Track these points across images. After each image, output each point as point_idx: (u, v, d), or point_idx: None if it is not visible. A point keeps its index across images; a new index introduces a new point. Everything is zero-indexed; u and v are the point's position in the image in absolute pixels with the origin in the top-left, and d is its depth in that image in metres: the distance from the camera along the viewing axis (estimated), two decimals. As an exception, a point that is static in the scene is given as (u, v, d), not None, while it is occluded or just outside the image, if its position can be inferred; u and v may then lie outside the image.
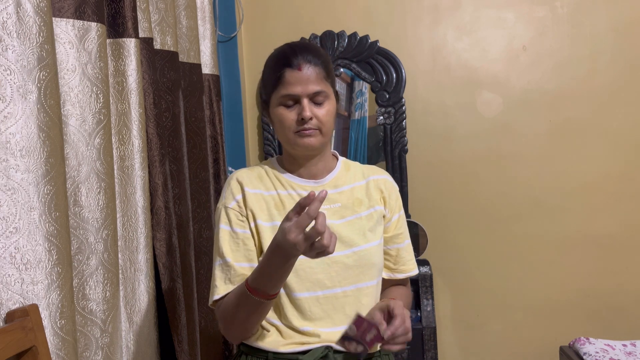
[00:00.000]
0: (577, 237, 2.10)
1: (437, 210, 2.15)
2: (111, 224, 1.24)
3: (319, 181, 1.21)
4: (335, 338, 1.12)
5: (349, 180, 1.24)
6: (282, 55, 1.15)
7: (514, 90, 2.10)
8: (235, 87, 2.12)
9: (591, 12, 2.05)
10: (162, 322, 1.50)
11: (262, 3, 2.19)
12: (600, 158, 2.08)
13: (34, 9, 0.99)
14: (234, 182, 1.19)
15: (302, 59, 1.12)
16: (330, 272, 1.14)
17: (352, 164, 1.28)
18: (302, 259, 1.10)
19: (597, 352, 1.66)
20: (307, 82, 1.12)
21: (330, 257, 1.12)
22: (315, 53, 1.15)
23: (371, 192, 1.23)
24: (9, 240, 0.97)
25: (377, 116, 2.12)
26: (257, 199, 1.17)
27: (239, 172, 1.22)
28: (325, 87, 1.14)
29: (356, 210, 1.20)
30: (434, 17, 2.12)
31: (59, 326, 1.03)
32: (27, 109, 0.98)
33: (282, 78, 1.12)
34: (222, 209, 1.18)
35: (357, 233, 1.17)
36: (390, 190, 1.26)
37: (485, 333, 2.17)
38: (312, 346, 1.12)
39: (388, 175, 1.30)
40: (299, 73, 1.11)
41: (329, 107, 1.15)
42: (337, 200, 1.20)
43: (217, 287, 1.13)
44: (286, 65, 1.12)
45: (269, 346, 1.14)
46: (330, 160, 1.25)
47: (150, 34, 1.48)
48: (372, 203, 1.22)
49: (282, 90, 1.13)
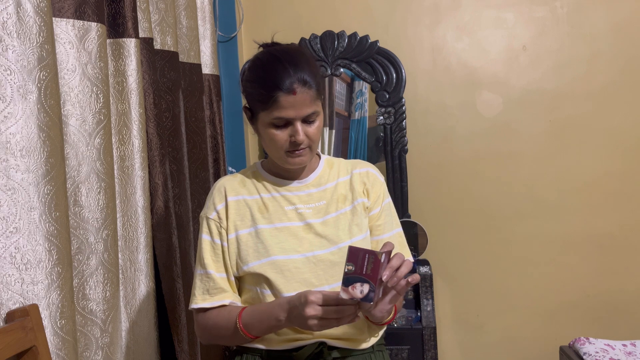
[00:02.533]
0: (577, 236, 2.10)
1: (437, 210, 2.15)
2: (111, 224, 1.24)
3: (302, 180, 1.21)
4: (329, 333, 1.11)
5: (332, 177, 1.23)
6: (274, 74, 1.08)
7: (514, 90, 2.10)
8: (235, 87, 2.12)
9: (591, 12, 2.05)
10: (162, 322, 1.50)
11: (262, 3, 2.19)
12: (600, 158, 2.08)
13: (34, 9, 0.99)
14: (216, 192, 1.20)
15: (297, 81, 1.07)
16: (316, 271, 1.14)
17: (335, 160, 1.27)
18: (286, 259, 1.13)
19: (597, 352, 1.66)
20: (302, 107, 1.08)
21: (315, 255, 1.14)
22: (309, 70, 1.09)
23: (355, 185, 1.22)
24: (9, 240, 0.97)
25: (377, 116, 2.12)
26: (239, 207, 1.18)
27: (222, 180, 1.23)
28: (317, 106, 1.12)
29: (340, 206, 1.20)
30: (434, 17, 2.12)
31: (59, 326, 1.03)
32: (27, 109, 0.98)
33: (276, 102, 1.07)
34: (204, 218, 1.19)
35: (342, 229, 1.17)
36: (373, 181, 1.24)
37: (485, 333, 2.17)
38: (306, 342, 1.12)
39: (371, 166, 1.27)
40: (294, 98, 1.07)
41: (319, 123, 1.14)
42: (322, 198, 1.20)
43: (195, 297, 1.17)
44: (279, 89, 1.06)
45: (262, 344, 1.15)
46: (314, 160, 1.25)
47: (150, 34, 1.48)
48: (355, 196, 1.21)
49: (274, 112, 1.08)
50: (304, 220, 1.17)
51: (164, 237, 1.49)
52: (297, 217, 1.17)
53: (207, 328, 1.17)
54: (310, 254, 1.14)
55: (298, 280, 1.13)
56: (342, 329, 1.13)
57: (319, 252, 1.14)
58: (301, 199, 1.19)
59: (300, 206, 1.18)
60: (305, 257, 1.14)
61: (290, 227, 1.16)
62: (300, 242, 1.15)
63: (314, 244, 1.15)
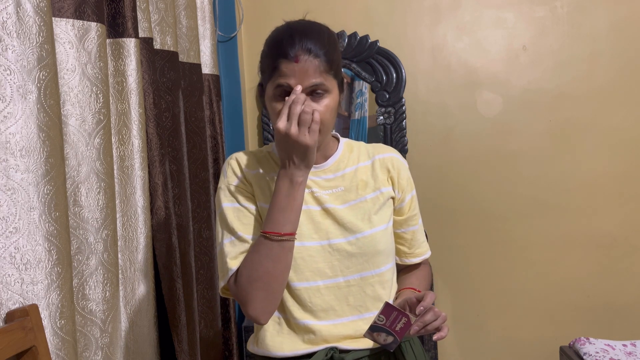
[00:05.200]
0: (577, 236, 2.10)
1: (437, 210, 2.15)
2: (111, 224, 1.24)
3: (319, 166, 1.13)
4: (339, 332, 1.09)
5: (352, 161, 1.15)
6: (279, 41, 1.04)
7: (514, 90, 2.10)
8: (235, 87, 2.12)
9: (591, 12, 2.05)
10: (162, 322, 1.50)
11: (262, 3, 2.19)
12: (601, 158, 2.08)
13: (34, 9, 0.99)
14: (233, 162, 1.13)
15: (300, 49, 1.01)
16: (331, 261, 1.08)
17: (355, 144, 1.19)
18: (299, 246, 1.06)
19: (597, 352, 1.66)
20: (304, 76, 1.01)
21: (331, 243, 1.08)
22: (317, 40, 1.03)
23: (377, 172, 1.14)
24: (9, 240, 0.97)
25: (377, 116, 2.12)
26: (256, 179, 1.11)
27: (237, 154, 1.16)
28: (325, 79, 1.03)
29: (360, 193, 1.12)
30: (434, 17, 2.12)
31: (58, 326, 1.03)
32: (27, 109, 0.98)
33: (277, 69, 1.02)
34: (225, 188, 1.11)
35: (362, 218, 1.10)
36: (398, 168, 1.17)
37: (485, 333, 2.17)
38: (317, 348, 1.09)
39: (395, 152, 1.20)
40: (295, 65, 1.01)
41: (328, 102, 1.04)
42: (339, 184, 1.12)
43: (227, 264, 1.05)
44: (282, 56, 1.01)
45: (272, 350, 1.10)
46: (331, 145, 1.16)
47: (150, 34, 1.48)
48: (378, 185, 1.14)
49: (276, 81, 1.03)
50: (322, 204, 1.10)
51: (164, 237, 1.49)
52: (314, 201, 1.10)
53: (245, 277, 1.02)
54: (326, 242, 1.08)
55: (311, 270, 1.07)
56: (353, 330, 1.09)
57: (335, 241, 1.08)
58: (318, 184, 1.12)
59: (316, 190, 1.11)
60: (320, 244, 1.08)
61: (307, 210, 1.09)
62: (316, 228, 1.09)
63: (330, 231, 1.09)
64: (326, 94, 1.04)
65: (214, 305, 1.78)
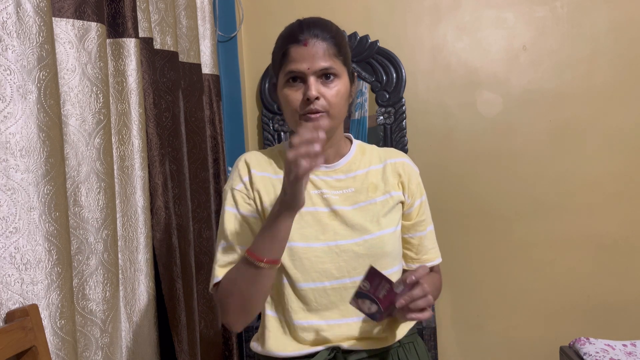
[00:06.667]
0: (577, 237, 2.10)
1: (436, 210, 2.13)
2: (111, 224, 1.24)
3: (331, 166, 1.14)
4: (343, 332, 1.09)
5: (364, 164, 1.17)
6: (288, 31, 1.09)
7: (514, 90, 2.10)
8: (235, 87, 2.12)
9: (591, 12, 2.05)
10: (162, 322, 1.50)
11: (262, 3, 2.19)
12: (601, 158, 2.07)
13: (34, 9, 0.99)
14: (241, 164, 1.14)
15: (309, 34, 1.05)
16: (338, 262, 1.08)
17: (368, 147, 1.21)
18: (306, 247, 1.07)
19: (597, 352, 1.66)
20: (314, 58, 1.04)
21: (338, 244, 1.08)
22: (325, 27, 1.07)
23: (388, 176, 1.16)
24: (9, 240, 0.97)
25: (377, 116, 2.12)
26: (264, 182, 1.12)
27: (248, 154, 1.17)
28: (334, 63, 1.06)
29: (370, 195, 1.13)
30: (434, 17, 2.12)
31: (58, 326, 1.03)
32: (27, 109, 0.98)
33: (287, 55, 1.05)
34: (229, 190, 1.12)
35: (370, 220, 1.11)
36: (409, 173, 1.18)
37: (485, 333, 2.17)
38: (320, 348, 1.09)
39: (407, 157, 1.21)
40: (304, 49, 1.04)
41: (339, 87, 1.07)
42: (350, 186, 1.13)
43: (215, 272, 1.08)
44: (291, 42, 1.05)
45: (275, 350, 1.10)
46: (344, 145, 1.18)
47: (150, 34, 1.48)
48: (388, 188, 1.15)
49: (286, 67, 1.06)
50: (330, 206, 1.11)
51: (164, 237, 1.49)
52: (322, 202, 1.11)
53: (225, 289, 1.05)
54: (333, 243, 1.08)
55: (317, 271, 1.08)
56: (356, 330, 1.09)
57: (342, 242, 1.09)
58: (328, 184, 1.13)
59: (325, 191, 1.12)
60: (327, 245, 1.08)
61: (315, 212, 1.10)
62: (323, 229, 1.09)
63: (338, 232, 1.09)
64: (336, 79, 1.07)
65: (214, 305, 1.78)
